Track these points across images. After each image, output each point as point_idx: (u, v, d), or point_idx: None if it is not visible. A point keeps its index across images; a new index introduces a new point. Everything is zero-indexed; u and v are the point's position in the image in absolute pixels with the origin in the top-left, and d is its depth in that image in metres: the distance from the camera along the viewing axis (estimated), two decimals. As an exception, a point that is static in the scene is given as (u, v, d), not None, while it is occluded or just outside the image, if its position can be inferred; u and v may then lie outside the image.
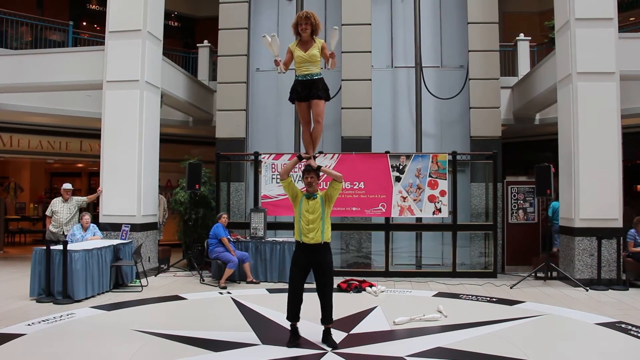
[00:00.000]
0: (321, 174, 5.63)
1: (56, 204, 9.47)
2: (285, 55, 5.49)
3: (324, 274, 5.36)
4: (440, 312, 6.72)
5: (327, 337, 5.36)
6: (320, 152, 10.21)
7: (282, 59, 5.50)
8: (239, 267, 9.14)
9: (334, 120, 11.50)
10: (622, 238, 8.91)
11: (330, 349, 5.20)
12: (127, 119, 9.71)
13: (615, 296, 8.14)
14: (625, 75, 9.20)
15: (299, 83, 5.41)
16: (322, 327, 5.42)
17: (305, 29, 5.35)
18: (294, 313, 5.37)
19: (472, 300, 7.86)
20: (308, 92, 5.36)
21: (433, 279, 9.68)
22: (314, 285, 5.46)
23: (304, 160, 5.66)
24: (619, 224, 8.94)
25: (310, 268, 5.40)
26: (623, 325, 6.20)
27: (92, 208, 13.91)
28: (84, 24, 16.80)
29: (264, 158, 10.29)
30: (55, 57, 10.85)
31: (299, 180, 8.90)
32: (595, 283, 8.77)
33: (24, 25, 13.32)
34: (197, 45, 14.97)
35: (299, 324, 5.49)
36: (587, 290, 8.54)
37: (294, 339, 5.38)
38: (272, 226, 10.23)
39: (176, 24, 17.96)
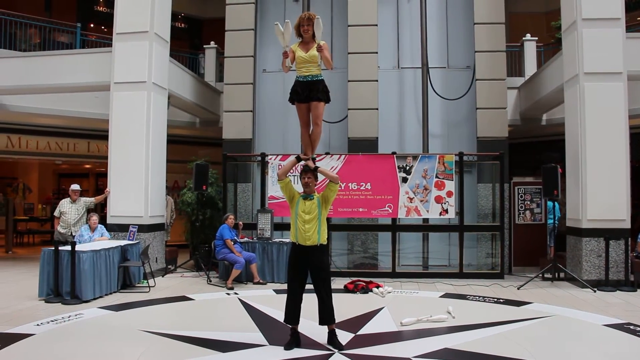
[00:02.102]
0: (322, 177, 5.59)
1: (64, 204, 9.52)
2: (289, 53, 5.44)
3: (321, 276, 5.31)
4: (449, 312, 6.72)
5: (332, 339, 5.32)
6: (327, 153, 10.23)
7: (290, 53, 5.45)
8: (246, 268, 9.16)
9: (341, 121, 11.53)
10: (629, 239, 8.87)
11: (337, 350, 5.19)
12: (135, 120, 9.76)
13: (623, 297, 8.11)
14: (633, 75, 9.17)
15: (299, 84, 5.36)
16: (328, 328, 5.38)
17: (307, 30, 5.31)
18: (292, 316, 5.33)
19: (479, 301, 7.85)
20: (308, 93, 5.30)
21: (440, 280, 9.67)
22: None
23: (303, 161, 5.61)
24: (627, 224, 8.90)
25: (307, 269, 5.35)
26: (631, 327, 6.18)
27: (100, 209, 13.97)
28: (92, 25, 16.90)
29: (270, 159, 10.31)
30: (63, 59, 10.92)
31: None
32: (602, 284, 8.74)
33: (33, 28, 13.42)
34: (204, 46, 15.03)
35: (301, 326, 5.46)
36: (594, 291, 8.51)
37: (292, 342, 5.30)
38: (279, 227, 10.23)
39: (183, 25, 18.03)
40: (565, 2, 9.66)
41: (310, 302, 5.43)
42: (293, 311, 5.33)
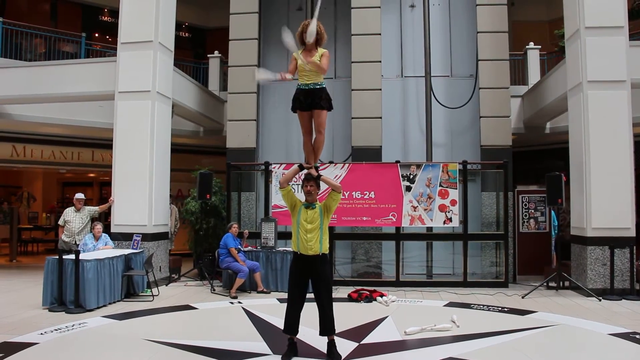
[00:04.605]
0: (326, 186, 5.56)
1: (69, 213, 9.54)
2: (291, 63, 5.41)
3: (322, 286, 5.27)
4: (454, 322, 6.69)
5: (331, 350, 5.25)
6: (331, 162, 10.23)
7: (290, 67, 5.40)
8: (250, 277, 9.15)
9: (344, 130, 11.54)
10: (634, 247, 8.83)
11: None
12: (139, 129, 9.79)
13: (628, 306, 8.06)
14: (636, 83, 9.15)
15: (302, 92, 5.30)
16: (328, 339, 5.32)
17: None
18: (291, 326, 5.28)
19: (483, 310, 7.82)
20: (310, 101, 5.25)
21: (444, 289, 9.63)
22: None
23: (305, 169, 5.58)
24: (632, 233, 8.86)
25: (308, 279, 5.32)
26: (637, 336, 6.14)
27: (104, 217, 14.00)
28: (97, 35, 17.00)
29: (274, 168, 10.32)
30: (68, 69, 10.97)
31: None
32: (608, 293, 8.69)
33: (38, 37, 13.51)
34: (208, 55, 15.09)
35: (303, 335, 5.42)
36: (599, 300, 8.47)
37: (289, 352, 5.26)
38: (282, 236, 10.21)
39: (187, 34, 18.11)
40: (569, 11, 9.68)
41: (312, 311, 5.40)
42: (293, 321, 5.29)
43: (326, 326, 5.25)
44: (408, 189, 9.94)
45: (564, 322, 6.95)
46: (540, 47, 13.72)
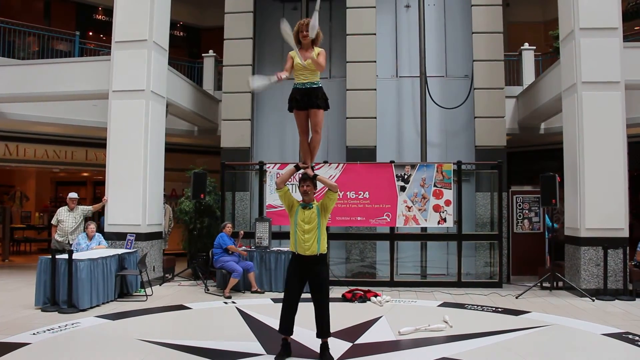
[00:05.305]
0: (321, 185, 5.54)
1: (62, 212, 9.50)
2: (287, 62, 5.38)
3: (320, 287, 5.23)
4: (446, 322, 6.69)
5: (324, 352, 5.21)
6: (325, 162, 10.22)
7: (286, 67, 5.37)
8: (244, 277, 9.13)
9: (339, 130, 11.54)
10: (628, 247, 8.86)
11: None
12: (133, 128, 9.76)
13: (621, 306, 8.09)
14: (630, 85, 9.18)
15: (298, 92, 5.27)
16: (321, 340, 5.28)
17: (306, 36, 5.27)
18: (286, 326, 5.24)
19: (477, 310, 7.83)
20: (307, 100, 5.21)
21: (438, 289, 9.64)
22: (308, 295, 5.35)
23: (301, 169, 5.55)
24: (625, 233, 8.89)
25: (306, 280, 5.29)
26: (630, 336, 6.16)
27: (98, 217, 13.93)
28: (90, 34, 16.92)
29: (268, 167, 10.30)
30: (62, 67, 10.93)
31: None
32: (601, 293, 8.72)
33: (31, 36, 13.45)
34: (203, 55, 15.05)
35: (298, 336, 5.39)
36: (593, 300, 8.49)
37: (283, 352, 5.23)
38: (277, 236, 10.20)
39: (182, 34, 18.06)
40: (563, 12, 9.70)
41: (306, 311, 5.38)
42: (288, 322, 5.24)
43: (323, 328, 5.21)
44: (402, 189, 9.95)
45: (557, 322, 6.97)
46: (535, 48, 13.76)
